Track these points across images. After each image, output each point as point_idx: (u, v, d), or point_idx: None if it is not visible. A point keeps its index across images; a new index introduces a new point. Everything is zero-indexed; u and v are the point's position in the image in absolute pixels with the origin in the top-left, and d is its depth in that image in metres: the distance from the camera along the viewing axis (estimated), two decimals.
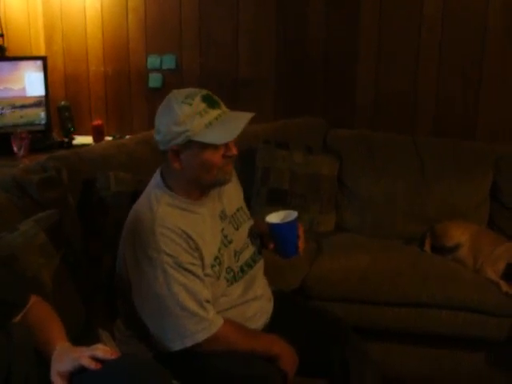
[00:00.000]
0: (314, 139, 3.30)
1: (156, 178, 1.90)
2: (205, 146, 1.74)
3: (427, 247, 2.91)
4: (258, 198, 3.05)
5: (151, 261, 1.75)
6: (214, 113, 1.75)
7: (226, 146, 1.78)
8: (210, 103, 1.75)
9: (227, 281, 1.91)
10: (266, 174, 3.07)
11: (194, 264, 1.78)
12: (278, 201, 3.02)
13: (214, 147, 1.75)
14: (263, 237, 2.07)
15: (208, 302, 1.81)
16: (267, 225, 1.98)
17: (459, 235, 2.84)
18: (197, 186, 1.84)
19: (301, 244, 2.00)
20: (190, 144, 1.74)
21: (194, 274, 1.78)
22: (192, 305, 1.76)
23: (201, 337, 1.77)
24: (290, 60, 3.67)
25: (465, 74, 3.42)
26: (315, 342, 2.01)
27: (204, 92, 1.78)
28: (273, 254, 2.05)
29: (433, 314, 2.54)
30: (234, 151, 1.79)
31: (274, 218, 1.98)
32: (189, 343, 1.77)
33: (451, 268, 2.72)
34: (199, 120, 1.72)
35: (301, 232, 2.01)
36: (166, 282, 1.74)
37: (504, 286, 2.54)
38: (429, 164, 3.14)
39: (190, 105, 1.73)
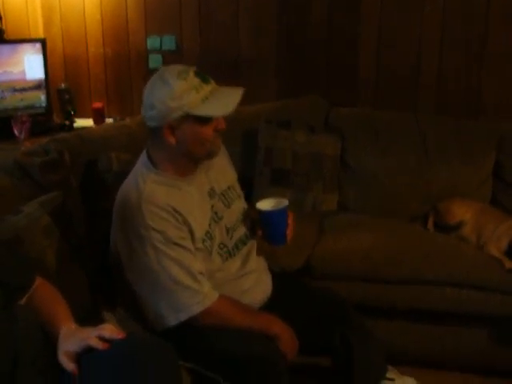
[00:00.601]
0: (316, 118, 3.28)
1: (142, 157, 1.93)
2: (200, 120, 1.79)
3: (430, 225, 2.91)
4: (261, 178, 3.04)
5: (141, 238, 1.77)
6: (208, 87, 1.80)
7: (217, 120, 1.83)
8: (203, 79, 1.80)
9: (221, 256, 1.93)
10: (268, 154, 3.06)
11: (183, 238, 1.81)
12: (280, 181, 3.02)
13: (208, 121, 1.80)
14: (253, 223, 2.08)
15: (201, 274, 1.83)
16: (257, 211, 1.98)
17: (462, 213, 2.84)
18: (188, 160, 1.88)
19: (289, 232, 2.02)
20: (186, 118, 1.78)
21: (184, 247, 1.80)
22: (185, 278, 1.78)
23: (195, 310, 1.79)
24: (292, 38, 3.63)
25: (468, 50, 3.39)
26: (317, 321, 2.03)
27: (194, 68, 1.82)
28: (261, 240, 2.06)
29: (436, 292, 2.54)
30: (224, 126, 1.85)
31: (264, 204, 1.98)
32: (183, 317, 1.79)
33: (454, 245, 2.72)
34: (195, 95, 1.76)
35: (290, 220, 2.03)
36: (157, 258, 1.77)
37: (507, 263, 2.54)
38: (432, 142, 3.12)
39: (186, 80, 1.77)
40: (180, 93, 1.75)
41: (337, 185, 3.15)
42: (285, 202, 1.97)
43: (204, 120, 1.79)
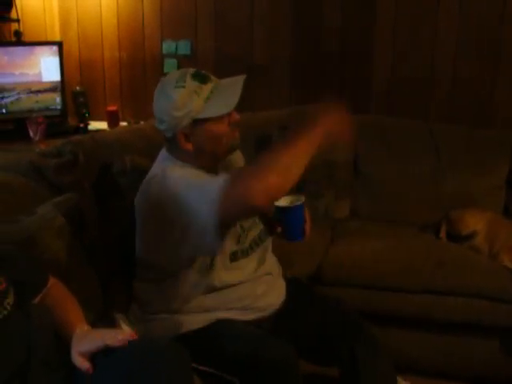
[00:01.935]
0: None
1: (162, 154, 1.92)
2: (210, 121, 1.78)
3: (443, 234, 2.90)
4: None
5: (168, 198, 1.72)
6: (208, 87, 1.78)
7: (229, 114, 1.81)
8: (201, 79, 1.79)
9: (235, 254, 1.92)
10: None
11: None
12: (292, 187, 3.01)
13: (219, 118, 1.79)
14: (270, 221, 2.07)
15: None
16: (274, 208, 1.99)
17: (475, 223, 2.82)
18: (211, 159, 1.87)
19: (307, 228, 2.02)
20: (196, 123, 1.78)
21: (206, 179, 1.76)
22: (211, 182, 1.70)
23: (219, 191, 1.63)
24: (305, 45, 3.65)
25: (482, 60, 3.39)
26: (327, 332, 2.01)
27: (191, 70, 1.81)
28: (279, 237, 2.06)
29: (448, 302, 2.53)
30: (237, 116, 1.83)
31: (281, 201, 1.99)
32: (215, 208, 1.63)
33: (466, 255, 2.70)
34: (197, 99, 1.76)
35: (307, 216, 2.03)
36: (184, 184, 1.70)
37: None
38: (444, 151, 3.12)
39: (184, 87, 1.76)
40: (182, 101, 1.75)
41: (349, 192, 3.15)
42: (301, 199, 1.98)
43: (214, 118, 1.79)
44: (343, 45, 3.59)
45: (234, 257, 1.93)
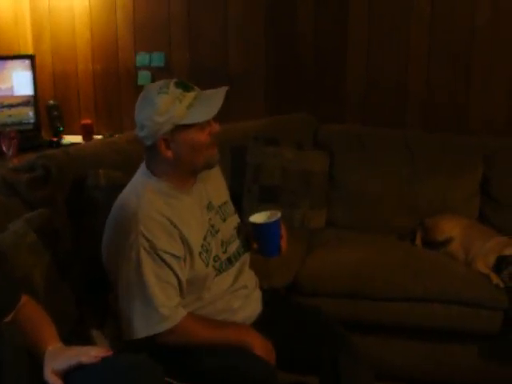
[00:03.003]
0: (304, 135, 3.30)
1: (141, 168, 1.93)
2: (191, 128, 1.80)
3: (418, 241, 2.92)
4: (250, 196, 3.04)
5: (129, 243, 1.76)
6: (191, 95, 1.80)
7: (210, 124, 1.84)
8: (185, 87, 1.81)
9: (215, 269, 1.93)
10: (256, 171, 3.06)
11: (170, 253, 1.79)
12: (269, 198, 3.02)
13: (200, 127, 1.81)
14: (247, 237, 2.08)
15: (176, 291, 1.81)
16: (250, 225, 1.99)
17: (450, 229, 2.85)
18: (188, 171, 1.88)
19: (283, 244, 2.03)
20: (177, 130, 1.79)
21: (166, 263, 1.78)
22: (158, 292, 1.76)
23: (165, 326, 1.77)
24: (280, 56, 3.66)
25: (455, 65, 3.44)
26: (306, 340, 2.01)
27: (175, 79, 1.83)
28: (255, 253, 2.07)
29: (425, 308, 2.54)
30: (217, 127, 1.86)
31: (257, 218, 2.01)
32: (150, 332, 1.76)
33: (443, 262, 2.72)
34: (179, 105, 1.77)
35: (283, 232, 2.04)
36: (138, 264, 1.75)
37: (495, 279, 2.55)
38: (419, 158, 3.14)
39: (167, 93, 1.78)
40: (165, 107, 1.76)
41: (325, 201, 3.15)
42: (277, 214, 1.99)
43: (195, 126, 1.80)
44: (318, 55, 3.61)
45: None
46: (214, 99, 1.82)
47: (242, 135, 3.14)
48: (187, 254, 1.84)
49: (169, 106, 1.76)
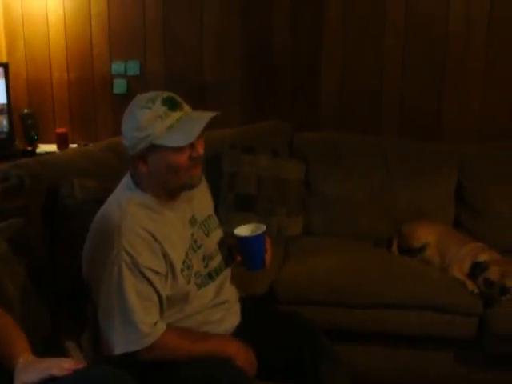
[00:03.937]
0: (280, 143, 3.30)
1: (125, 179, 1.88)
2: (169, 149, 1.73)
3: (394, 248, 2.93)
4: (225, 204, 3.03)
5: (111, 257, 1.72)
6: (176, 115, 1.73)
7: (192, 146, 1.76)
8: (171, 105, 1.74)
9: (196, 285, 1.91)
10: (232, 179, 3.06)
11: (152, 269, 1.76)
12: (244, 205, 3.01)
13: (179, 149, 1.73)
14: (231, 249, 2.07)
15: (156, 308, 1.79)
16: (235, 238, 1.98)
17: (426, 235, 2.87)
18: (165, 189, 1.83)
19: (268, 257, 2.02)
20: (153, 148, 1.73)
21: (148, 279, 1.75)
22: (138, 309, 1.73)
23: (144, 343, 1.74)
24: (255, 63, 3.68)
25: (428, 74, 3.49)
26: (285, 346, 2.01)
27: (166, 95, 1.76)
28: (239, 266, 2.06)
29: (400, 315, 2.55)
30: (200, 151, 1.78)
31: (242, 231, 1.99)
32: (129, 348, 1.74)
33: (418, 268, 2.74)
34: (160, 124, 1.71)
35: (268, 246, 2.03)
36: (119, 279, 1.72)
37: (470, 285, 2.57)
38: (395, 165, 3.17)
39: (150, 109, 1.72)
40: (145, 123, 1.71)
41: (301, 209, 3.16)
42: (262, 228, 1.97)
43: (173, 148, 1.73)
44: (293, 63, 3.63)
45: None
46: (197, 124, 1.73)
47: (218, 143, 3.13)
48: (169, 270, 1.81)
49: (148, 124, 1.71)
